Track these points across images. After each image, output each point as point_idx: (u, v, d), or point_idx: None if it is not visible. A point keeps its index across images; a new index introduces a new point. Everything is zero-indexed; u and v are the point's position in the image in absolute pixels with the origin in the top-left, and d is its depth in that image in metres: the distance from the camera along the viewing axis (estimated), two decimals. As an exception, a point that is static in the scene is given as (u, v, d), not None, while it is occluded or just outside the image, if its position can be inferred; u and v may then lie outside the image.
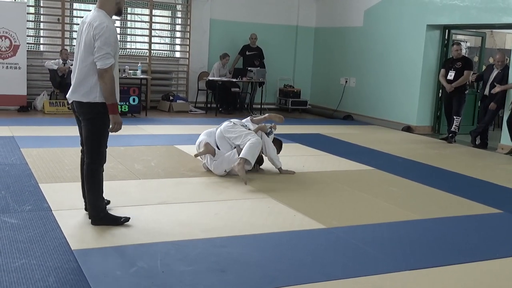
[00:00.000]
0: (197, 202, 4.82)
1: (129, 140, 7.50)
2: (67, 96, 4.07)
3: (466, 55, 10.78)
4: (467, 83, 9.41)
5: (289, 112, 12.20)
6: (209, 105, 11.59)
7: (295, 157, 7.03)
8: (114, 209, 4.39)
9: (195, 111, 11.30)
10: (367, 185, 5.82)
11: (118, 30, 11.14)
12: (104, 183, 4.10)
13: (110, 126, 3.92)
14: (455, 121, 9.25)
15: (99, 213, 4.03)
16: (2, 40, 9.60)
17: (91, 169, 4.00)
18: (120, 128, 3.95)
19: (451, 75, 9.25)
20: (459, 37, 11.45)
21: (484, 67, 10.96)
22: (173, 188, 5.23)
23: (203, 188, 5.31)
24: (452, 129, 9.27)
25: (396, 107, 10.73)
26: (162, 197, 4.88)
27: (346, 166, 6.75)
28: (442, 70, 9.48)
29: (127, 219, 4.11)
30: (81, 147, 4.16)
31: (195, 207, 4.66)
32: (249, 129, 5.95)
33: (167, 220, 4.26)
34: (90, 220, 4.04)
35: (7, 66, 9.67)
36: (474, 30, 10.76)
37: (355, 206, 4.99)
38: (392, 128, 10.44)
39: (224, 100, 11.52)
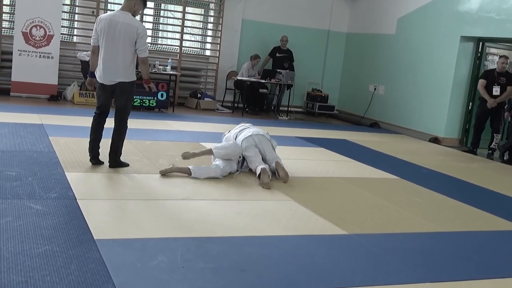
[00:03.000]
0: (220, 200, 4.83)
1: (155, 135, 7.56)
2: (107, 79, 5.32)
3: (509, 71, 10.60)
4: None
5: (315, 116, 12.16)
6: (236, 105, 11.63)
7: (320, 162, 7.01)
8: (138, 202, 4.45)
9: (222, 110, 11.32)
10: (391, 194, 5.77)
11: (150, 25, 11.46)
12: (129, 176, 5.09)
13: (148, 88, 5.58)
14: (495, 138, 9.06)
15: (119, 157, 5.47)
16: (37, 29, 9.77)
17: (125, 127, 5.47)
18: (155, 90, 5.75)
19: (496, 90, 8.94)
20: (493, 50, 11.27)
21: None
22: (196, 184, 5.25)
23: (227, 187, 5.31)
24: (492, 145, 9.09)
25: (424, 117, 10.62)
26: (185, 193, 4.90)
27: (371, 173, 6.70)
28: (483, 81, 9.12)
29: (127, 164, 5.55)
30: (99, 111, 5.44)
31: (218, 205, 4.66)
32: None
33: (190, 216, 4.28)
34: (109, 164, 5.42)
35: (40, 55, 9.83)
36: (510, 44, 10.59)
37: (378, 214, 4.95)
38: (419, 139, 10.33)
39: (251, 100, 11.53)
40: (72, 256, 3.25)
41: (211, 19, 12.17)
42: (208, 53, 12.20)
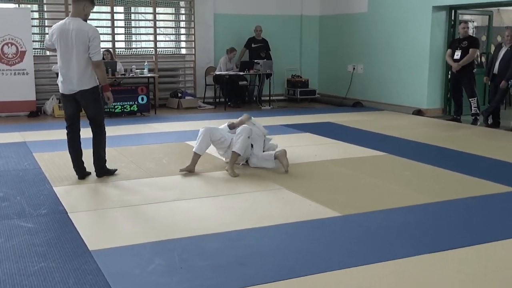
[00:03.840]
0: (211, 196, 4.83)
1: (140, 139, 7.52)
2: (67, 89, 5.18)
3: (473, 35, 10.68)
4: (474, 62, 9.32)
5: (298, 102, 12.16)
6: (217, 100, 11.60)
7: (307, 147, 7.02)
8: (129, 208, 4.43)
9: (204, 107, 11.29)
10: (380, 170, 5.80)
11: (122, 30, 11.36)
12: (118, 183, 4.94)
13: (106, 101, 5.32)
14: (472, 103, 9.14)
15: (104, 163, 5.40)
16: (9, 47, 9.64)
17: (103, 133, 5.36)
18: (113, 101, 5.43)
19: (457, 54, 9.21)
20: (466, 17, 11.31)
21: (492, 46, 10.86)
22: (186, 184, 5.24)
23: (217, 183, 5.31)
24: (473, 111, 9.15)
25: (405, 91, 10.65)
26: (176, 194, 4.89)
27: (359, 153, 6.72)
28: (449, 50, 9.44)
29: (115, 170, 5.52)
30: (69, 123, 5.29)
31: (210, 202, 4.66)
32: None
33: (183, 216, 4.27)
34: (95, 173, 5.36)
35: (15, 73, 9.70)
36: (481, 9, 10.64)
37: (369, 192, 4.98)
38: (403, 113, 10.37)
39: (233, 94, 11.49)
40: (69, 270, 3.22)
41: (182, 17, 12.08)
42: (183, 51, 12.13)
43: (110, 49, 10.54)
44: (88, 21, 5.27)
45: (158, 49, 11.51)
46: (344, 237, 3.81)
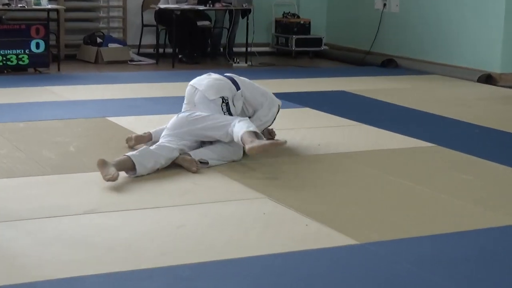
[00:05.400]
0: (148, 208, 4.76)
1: (33, 111, 7.51)
2: None
3: None
4: None
5: (292, 57, 12.16)
6: (162, 50, 11.60)
7: (306, 130, 7.03)
8: (10, 223, 4.36)
9: (139, 61, 11.30)
10: (424, 171, 5.80)
11: None
12: None
13: None
14: None
15: None
16: None
17: None
18: None
19: None
20: None
21: None
22: (106, 186, 5.17)
23: (158, 186, 5.25)
24: None
25: (467, 45, 10.70)
26: (90, 203, 4.81)
27: (389, 142, 6.73)
28: None
29: None
30: None
31: (146, 217, 4.60)
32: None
33: (99, 238, 4.20)
34: None
35: None
36: None
37: (405, 206, 4.96)
38: (462, 79, 10.45)
39: (187, 41, 11.48)
40: None
41: None
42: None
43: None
44: None
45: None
46: (361, 280, 3.77)
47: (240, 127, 5.54)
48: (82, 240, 4.18)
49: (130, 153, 5.41)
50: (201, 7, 11.18)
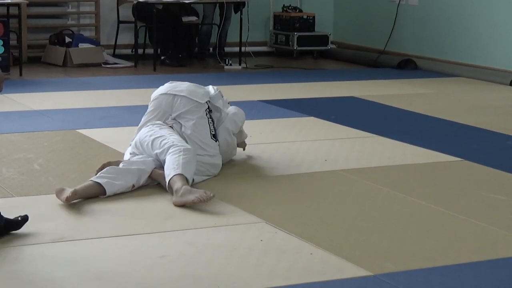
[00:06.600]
0: (124, 235, 4.68)
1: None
2: None
3: None
4: None
5: (294, 57, 12.13)
6: (141, 51, 11.53)
7: (310, 143, 6.99)
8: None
9: (115, 64, 11.25)
10: (447, 191, 5.73)
11: None
12: None
13: None
14: None
15: None
16: None
17: None
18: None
19: None
20: None
21: None
22: (77, 210, 5.09)
23: (135, 208, 5.20)
24: None
25: (497, 44, 10.64)
26: (58, 229, 4.71)
27: (407, 157, 6.67)
28: None
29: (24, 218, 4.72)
30: None
31: (122, 246, 4.52)
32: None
33: (67, 272, 4.10)
34: None
35: None
36: None
37: (425, 232, 4.89)
38: (492, 82, 10.42)
39: (170, 40, 11.45)
40: None
41: None
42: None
43: None
44: None
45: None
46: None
47: (170, 165, 5.54)
48: (47, 275, 4.11)
49: (93, 177, 5.38)
50: (187, 0, 11.18)
